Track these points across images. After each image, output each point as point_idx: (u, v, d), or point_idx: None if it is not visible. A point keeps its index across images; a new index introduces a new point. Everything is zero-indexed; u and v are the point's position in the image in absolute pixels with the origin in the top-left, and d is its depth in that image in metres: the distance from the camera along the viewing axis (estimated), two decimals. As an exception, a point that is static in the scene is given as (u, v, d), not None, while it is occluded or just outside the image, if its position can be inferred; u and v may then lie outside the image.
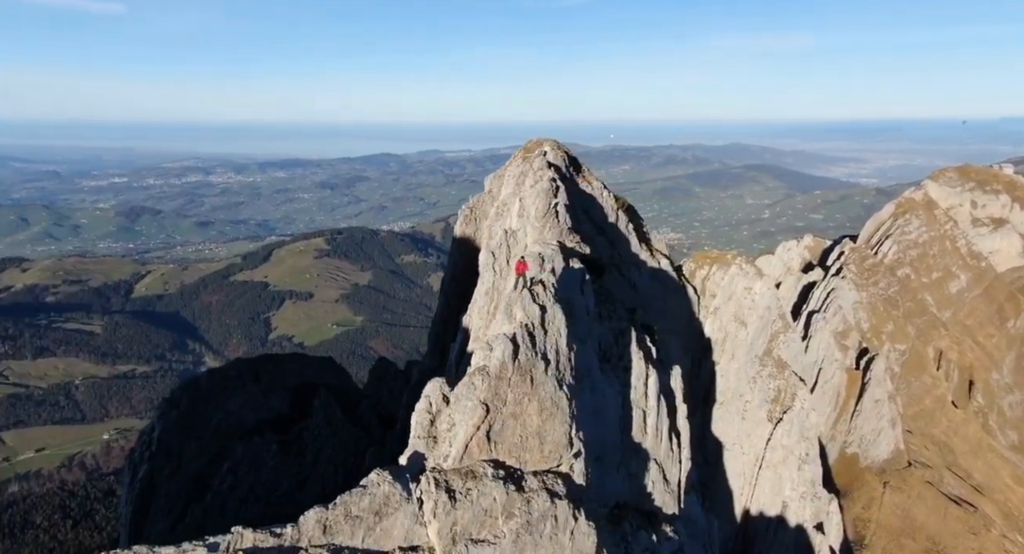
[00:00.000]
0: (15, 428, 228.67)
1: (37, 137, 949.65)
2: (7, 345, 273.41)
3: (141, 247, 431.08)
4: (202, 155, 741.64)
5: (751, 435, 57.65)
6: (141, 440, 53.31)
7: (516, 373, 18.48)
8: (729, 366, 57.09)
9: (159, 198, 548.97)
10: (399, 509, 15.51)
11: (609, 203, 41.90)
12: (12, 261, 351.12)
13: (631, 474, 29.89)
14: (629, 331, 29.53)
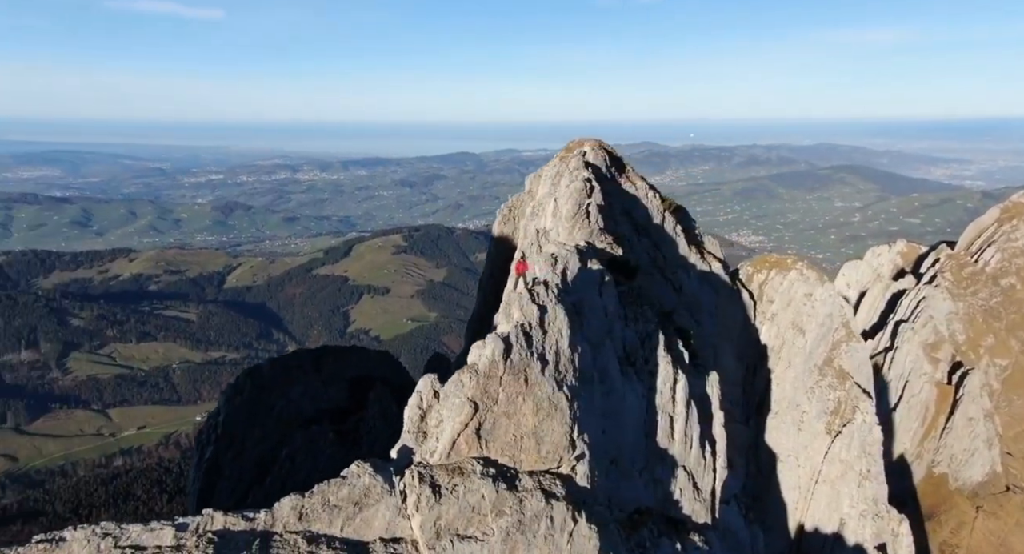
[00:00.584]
0: (120, 406, 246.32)
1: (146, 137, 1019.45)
2: (115, 329, 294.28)
3: (233, 240, 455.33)
4: (290, 153, 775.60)
5: (807, 447, 55.56)
6: (208, 423, 56.66)
7: (508, 373, 18.73)
8: (785, 374, 55.21)
9: (251, 194, 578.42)
10: (381, 501, 16.09)
11: (654, 204, 41.34)
12: (121, 252, 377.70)
13: (656, 480, 29.58)
14: (656, 334, 29.21)
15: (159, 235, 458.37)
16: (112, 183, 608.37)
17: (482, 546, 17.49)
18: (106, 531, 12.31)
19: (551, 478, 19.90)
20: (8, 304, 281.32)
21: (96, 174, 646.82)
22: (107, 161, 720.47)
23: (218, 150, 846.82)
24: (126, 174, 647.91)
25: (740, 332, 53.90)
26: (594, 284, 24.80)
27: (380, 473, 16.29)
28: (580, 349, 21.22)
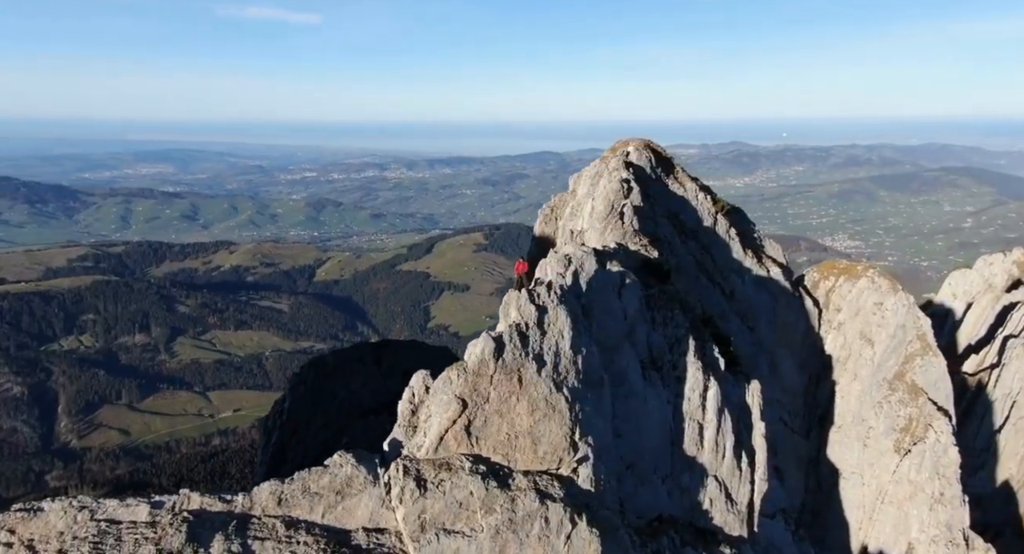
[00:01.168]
0: (219, 389, 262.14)
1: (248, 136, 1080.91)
2: (216, 317, 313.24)
3: (324, 235, 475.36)
4: (379, 152, 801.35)
5: (873, 465, 52.76)
6: (274, 410, 59.67)
7: (500, 372, 18.94)
8: (851, 387, 52.57)
9: (341, 191, 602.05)
10: (364, 491, 16.70)
11: (705, 206, 40.32)
12: (223, 244, 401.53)
13: (683, 489, 29.05)
14: (687, 339, 28.65)
15: (257, 229, 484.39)
16: (217, 180, 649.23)
17: (469, 542, 17.83)
18: (83, 504, 13.49)
19: (549, 479, 19.98)
20: (125, 291, 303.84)
21: (204, 171, 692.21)
22: (214, 159, 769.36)
23: (312, 149, 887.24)
24: (230, 171, 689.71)
25: (802, 340, 51.73)
26: (612, 286, 24.60)
27: (363, 464, 16.93)
28: (585, 351, 21.15)
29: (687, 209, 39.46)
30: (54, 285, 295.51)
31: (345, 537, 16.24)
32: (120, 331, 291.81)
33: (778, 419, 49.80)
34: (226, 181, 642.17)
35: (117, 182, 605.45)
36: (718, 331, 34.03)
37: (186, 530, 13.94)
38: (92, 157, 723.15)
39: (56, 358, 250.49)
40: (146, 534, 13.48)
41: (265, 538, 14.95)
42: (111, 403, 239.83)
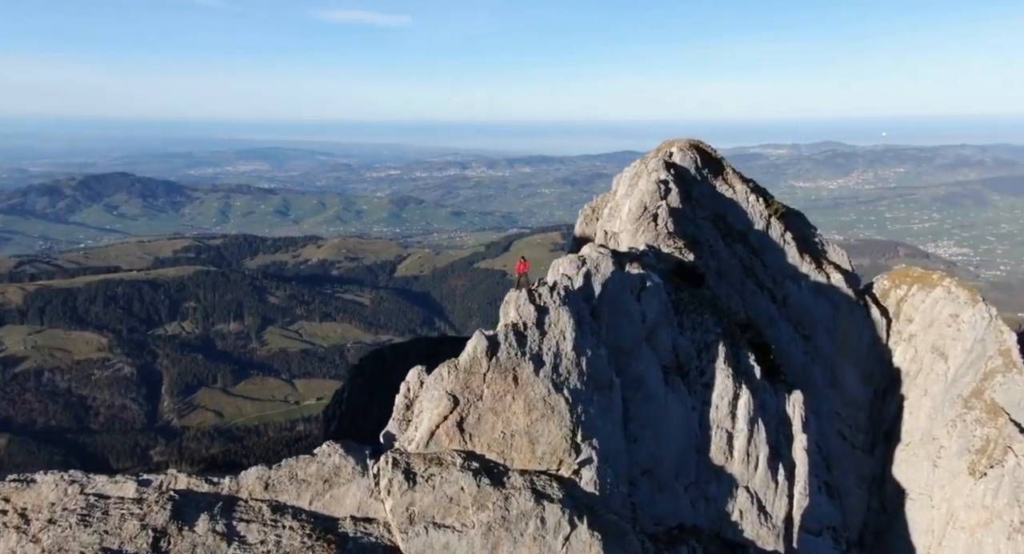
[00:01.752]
0: (304, 378, 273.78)
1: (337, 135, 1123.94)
2: (303, 308, 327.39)
3: (405, 232, 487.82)
4: (460, 151, 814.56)
5: (944, 487, 49.62)
6: (335, 399, 62.19)
7: (494, 370, 19.08)
8: (920, 403, 49.55)
9: (423, 189, 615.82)
10: (352, 481, 17.26)
11: (757, 209, 38.92)
12: (311, 238, 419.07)
13: (708, 498, 28.39)
14: (716, 345, 27.92)
15: (343, 224, 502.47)
16: (308, 177, 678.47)
17: (460, 537, 18.13)
18: (73, 478, 14.64)
19: (547, 479, 20.01)
20: (222, 281, 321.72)
21: (296, 169, 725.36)
22: (305, 157, 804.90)
23: (397, 148, 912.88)
24: (320, 169, 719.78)
25: (867, 352, 49.14)
26: (630, 289, 24.26)
27: (351, 454, 17.52)
28: (591, 353, 20.98)
29: (736, 212, 38.25)
30: (161, 274, 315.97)
31: (332, 524, 16.89)
32: (217, 319, 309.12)
33: (836, 433, 47.50)
34: (316, 178, 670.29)
35: (219, 178, 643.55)
36: (759, 338, 32.88)
37: (171, 508, 14.93)
38: (197, 155, 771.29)
39: (161, 342, 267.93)
40: (132, 510, 14.55)
41: (251, 520, 15.78)
42: (207, 386, 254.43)
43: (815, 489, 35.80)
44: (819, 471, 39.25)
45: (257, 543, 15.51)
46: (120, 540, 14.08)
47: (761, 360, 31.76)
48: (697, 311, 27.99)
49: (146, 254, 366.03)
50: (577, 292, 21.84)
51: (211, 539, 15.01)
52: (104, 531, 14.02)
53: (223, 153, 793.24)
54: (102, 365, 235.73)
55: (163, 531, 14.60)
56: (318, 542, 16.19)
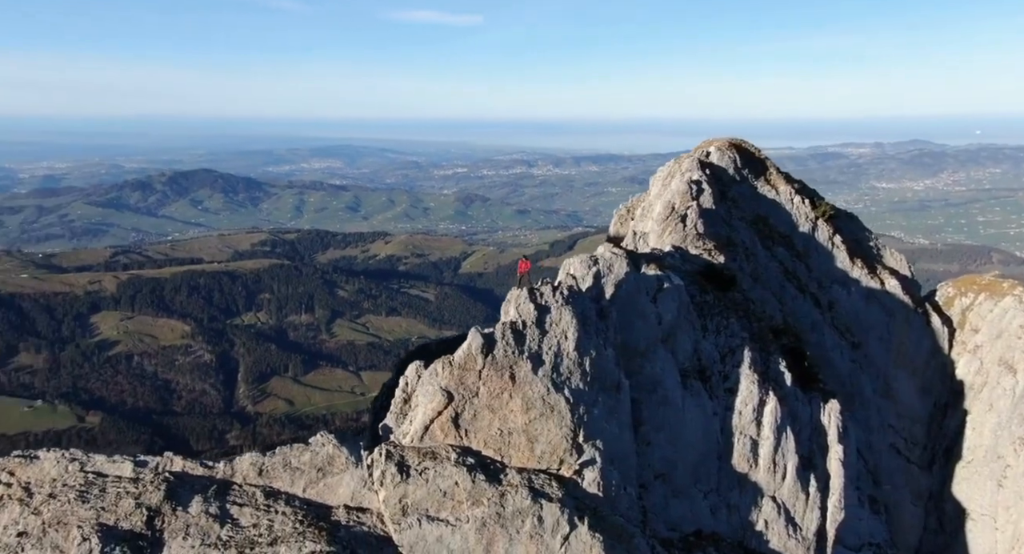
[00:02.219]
0: (369, 370, 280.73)
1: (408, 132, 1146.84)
2: (370, 302, 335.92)
3: (470, 230, 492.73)
4: (527, 149, 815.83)
5: (1009, 509, 46.86)
6: (382, 391, 63.40)
7: (490, 368, 19.20)
8: (985, 418, 46.76)
9: (489, 187, 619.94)
10: (346, 471, 17.76)
11: (801, 211, 37.50)
12: (380, 234, 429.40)
13: (730, 506, 27.75)
14: (742, 350, 27.20)
15: (410, 221, 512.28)
16: (378, 174, 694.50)
17: (453, 531, 18.39)
18: (74, 456, 15.67)
19: (546, 478, 20.03)
20: (295, 274, 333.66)
21: (367, 166, 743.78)
22: (376, 155, 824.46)
23: (465, 146, 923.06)
24: (389, 166, 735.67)
25: (926, 362, 46.70)
26: (646, 290, 23.90)
27: (345, 445, 18.03)
28: (595, 353, 20.80)
29: (779, 213, 36.98)
30: (239, 266, 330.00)
31: (326, 512, 17.47)
32: (289, 310, 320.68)
33: (888, 446, 45.33)
34: (386, 175, 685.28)
35: (294, 175, 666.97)
36: (795, 344, 31.76)
37: (165, 488, 15.79)
38: (275, 152, 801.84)
39: (238, 331, 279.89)
40: (128, 488, 15.48)
41: (244, 504, 16.51)
42: (279, 375, 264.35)
43: (855, 503, 34.31)
44: (863, 484, 37.57)
45: (250, 526, 16.23)
46: (116, 516, 15.05)
47: (795, 367, 30.72)
48: (722, 315, 27.30)
49: (226, 247, 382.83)
50: (584, 292, 21.71)
51: (204, 520, 15.82)
52: (101, 507, 15.03)
53: (299, 150, 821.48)
54: (185, 351, 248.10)
55: (157, 510, 15.51)
56: (310, 528, 16.79)
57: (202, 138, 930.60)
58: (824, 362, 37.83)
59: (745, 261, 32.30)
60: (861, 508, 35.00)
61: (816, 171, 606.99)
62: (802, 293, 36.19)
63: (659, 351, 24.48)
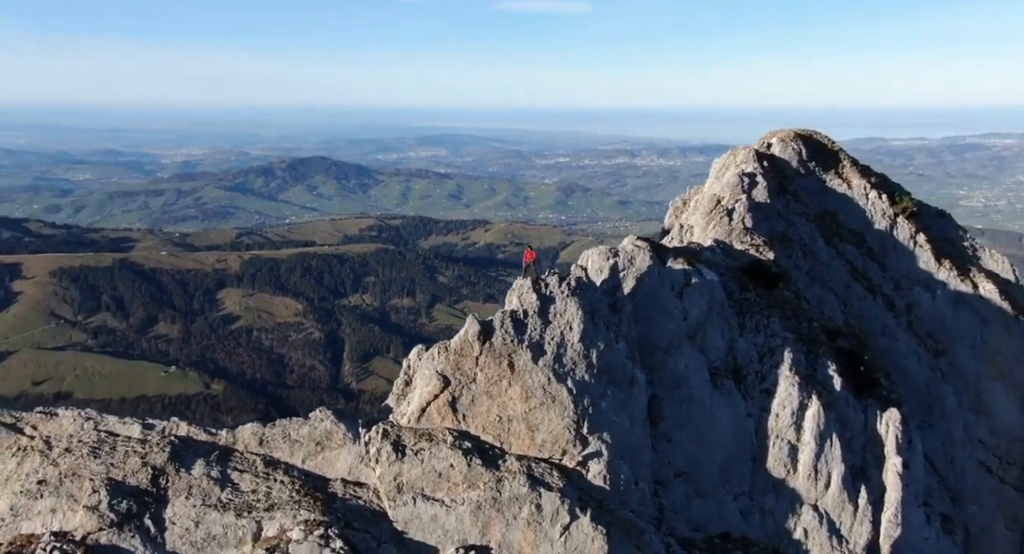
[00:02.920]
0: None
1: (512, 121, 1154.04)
2: (468, 289, 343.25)
3: (570, 220, 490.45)
4: (631, 139, 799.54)
5: (1120, 541, 42.10)
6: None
7: (488, 355, 19.39)
8: (1096, 440, 42.05)
9: (590, 177, 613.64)
10: (343, 446, 18.59)
11: (877, 207, 34.91)
12: (480, 222, 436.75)
13: (765, 511, 26.80)
14: (782, 351, 25.99)
15: (511, 210, 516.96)
16: (481, 162, 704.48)
17: (448, 512, 18.89)
18: (89, 416, 17.30)
19: (547, 467, 20.11)
20: (399, 259, 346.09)
21: (470, 154, 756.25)
22: (479, 144, 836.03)
23: (568, 135, 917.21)
24: (492, 155, 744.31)
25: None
26: (672, 284, 23.22)
27: (343, 421, 18.85)
28: (603, 346, 20.53)
29: (850, 209, 34.62)
30: (348, 250, 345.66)
31: (323, 484, 18.42)
32: (392, 294, 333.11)
33: (977, 463, 41.71)
34: (488, 164, 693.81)
35: (401, 163, 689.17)
36: (853, 348, 29.84)
37: (169, 450, 17.20)
38: (384, 141, 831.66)
39: (345, 311, 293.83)
40: (136, 448, 17.00)
41: (244, 470, 17.71)
42: (381, 355, 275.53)
43: (920, 520, 31.92)
44: (936, 501, 34.81)
45: (249, 491, 17.44)
46: (124, 473, 16.64)
47: (850, 371, 28.96)
48: (763, 313, 26.12)
49: (337, 231, 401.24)
50: (598, 284, 21.44)
51: (206, 483, 17.16)
52: (111, 463, 16.66)
53: (406, 139, 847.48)
54: (297, 328, 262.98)
55: (162, 470, 16.98)
56: (306, 497, 17.82)
57: (318, 127, 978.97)
58: (896, 369, 35.28)
59: (802, 258, 30.59)
60: (928, 527, 32.50)
61: (951, 164, 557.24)
62: (872, 294, 33.78)
63: (684, 348, 23.83)
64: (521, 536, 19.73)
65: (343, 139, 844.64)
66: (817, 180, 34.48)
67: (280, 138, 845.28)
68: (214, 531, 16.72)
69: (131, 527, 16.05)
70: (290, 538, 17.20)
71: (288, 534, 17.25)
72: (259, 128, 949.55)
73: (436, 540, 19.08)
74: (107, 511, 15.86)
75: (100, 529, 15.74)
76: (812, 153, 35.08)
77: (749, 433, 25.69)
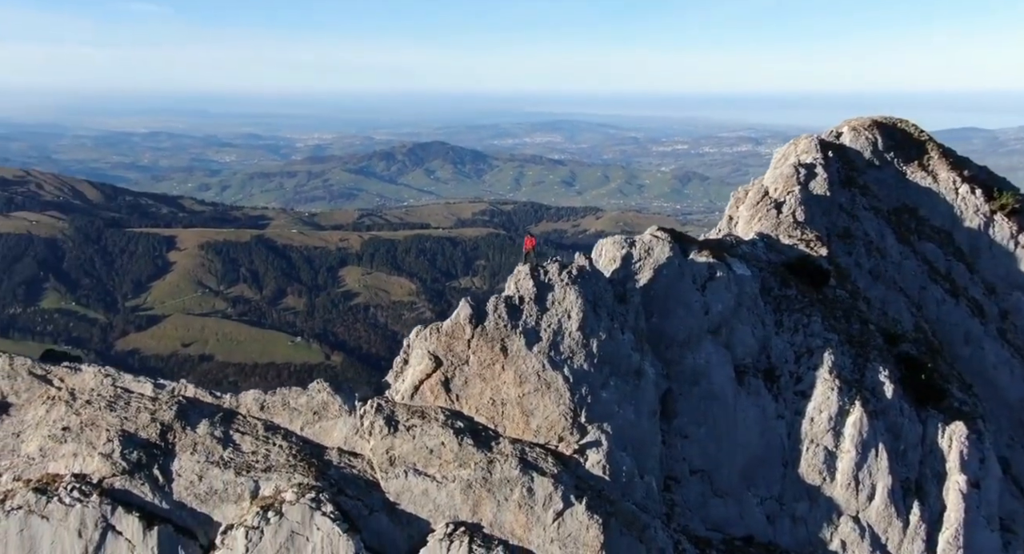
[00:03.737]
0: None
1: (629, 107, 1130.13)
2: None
3: (685, 209, 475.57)
4: (756, 126, 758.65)
5: None
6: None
7: (479, 338, 19.59)
8: None
9: (709, 165, 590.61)
10: (339, 418, 19.54)
11: (969, 202, 31.55)
12: (591, 210, 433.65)
13: (796, 518, 25.69)
14: (822, 352, 24.45)
15: (623, 198, 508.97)
16: (595, 149, 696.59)
17: (439, 488, 19.49)
18: (108, 373, 19.13)
19: (542, 452, 20.23)
20: (509, 244, 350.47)
21: (585, 141, 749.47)
22: (595, 130, 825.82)
23: (687, 121, 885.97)
24: (607, 142, 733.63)
25: None
26: (694, 277, 22.31)
27: (339, 394, 19.80)
28: (605, 336, 20.19)
29: (934, 204, 31.51)
30: (461, 233, 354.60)
31: (320, 451, 19.52)
32: (501, 278, 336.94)
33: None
34: (603, 151, 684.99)
35: (516, 149, 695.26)
36: (915, 354, 27.45)
37: (176, 409, 18.83)
38: (501, 126, 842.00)
39: (455, 293, 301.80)
40: (147, 405, 18.74)
41: (245, 433, 19.11)
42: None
43: (993, 546, 29.03)
44: (1019, 527, 31.42)
45: (249, 453, 18.84)
46: (136, 426, 18.45)
47: (911, 379, 26.76)
48: (803, 311, 24.61)
49: (451, 215, 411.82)
50: (606, 273, 21.07)
51: (209, 441, 18.69)
52: (124, 417, 18.50)
53: (522, 125, 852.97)
54: (410, 307, 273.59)
55: (169, 426, 18.66)
56: (302, 462, 19.01)
57: (438, 112, 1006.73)
58: (982, 381, 32.10)
59: (865, 256, 28.24)
60: (999, 552, 29.50)
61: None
62: (954, 297, 30.67)
63: (705, 343, 22.95)
64: (512, 518, 20.00)
65: (462, 124, 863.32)
66: (896, 172, 31.62)
67: (402, 123, 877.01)
68: (215, 486, 18.31)
69: (141, 476, 17.91)
70: (284, 499, 18.49)
71: (282, 495, 18.55)
72: (382, 114, 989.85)
73: (427, 514, 19.77)
74: (119, 459, 17.79)
75: (114, 474, 17.71)
76: (891, 143, 32.16)
77: (780, 436, 24.44)
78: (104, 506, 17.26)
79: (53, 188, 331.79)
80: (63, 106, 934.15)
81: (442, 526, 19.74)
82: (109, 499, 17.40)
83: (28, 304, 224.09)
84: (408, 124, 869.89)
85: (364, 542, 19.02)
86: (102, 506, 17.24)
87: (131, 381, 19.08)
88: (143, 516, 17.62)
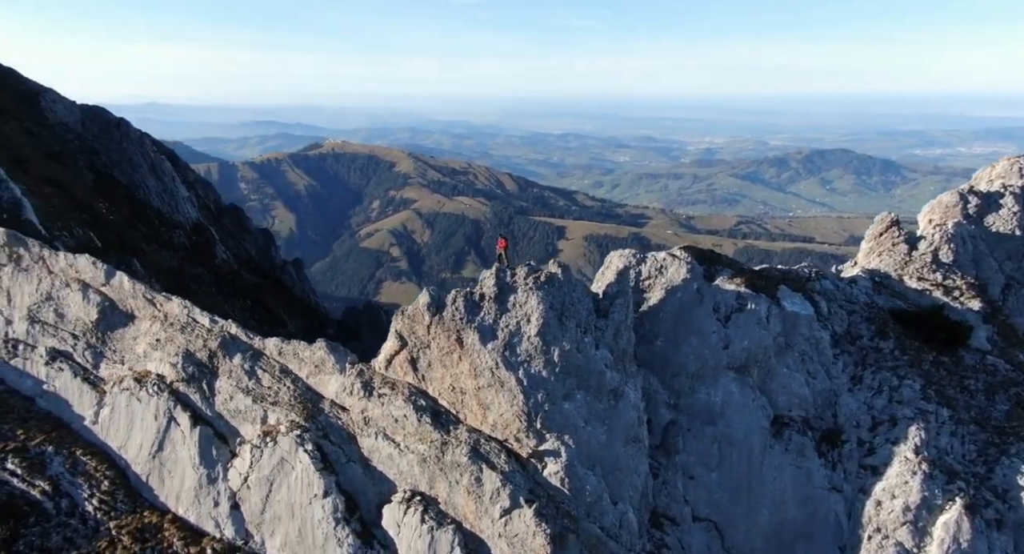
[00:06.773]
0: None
1: None
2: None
3: None
4: None
5: None
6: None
7: (437, 326, 19.75)
8: None
9: None
10: (332, 375, 21.91)
11: None
12: None
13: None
14: (910, 424, 18.38)
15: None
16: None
17: (401, 455, 20.90)
18: (185, 305, 24.27)
19: (497, 447, 20.03)
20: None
21: None
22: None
23: None
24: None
25: None
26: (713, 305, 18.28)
27: (334, 354, 22.19)
28: (569, 346, 18.46)
29: None
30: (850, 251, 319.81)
31: (318, 399, 22.32)
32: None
33: None
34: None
35: (944, 160, 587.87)
36: None
37: (220, 341, 23.38)
38: (929, 134, 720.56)
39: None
40: (203, 334, 23.63)
41: (266, 371, 22.88)
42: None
43: None
44: None
45: (266, 387, 22.68)
46: (194, 347, 23.58)
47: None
48: (895, 371, 18.42)
49: (843, 230, 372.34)
50: (578, 284, 18.96)
51: (239, 371, 22.99)
52: (188, 339, 23.76)
53: (958, 132, 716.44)
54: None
55: (214, 353, 23.39)
56: (299, 404, 22.24)
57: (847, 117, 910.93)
58: None
59: None
60: None
61: None
62: None
63: (724, 380, 18.99)
64: (463, 502, 20.27)
65: (873, 130, 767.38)
66: None
67: (800, 128, 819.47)
68: (240, 407, 22.82)
69: (194, 386, 23.37)
70: (279, 430, 22.13)
71: (279, 427, 22.21)
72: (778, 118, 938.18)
73: (393, 476, 21.35)
74: (181, 370, 23.49)
75: (178, 380, 23.50)
76: None
77: (834, 512, 19.02)
78: (170, 402, 23.29)
79: (484, 178, 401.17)
80: (506, 110, 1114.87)
81: (402, 491, 21.11)
82: (174, 398, 23.37)
83: (455, 271, 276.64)
84: (808, 129, 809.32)
85: (339, 485, 21.59)
86: (169, 401, 23.29)
87: (199, 313, 24.78)
88: (193, 416, 23.21)
